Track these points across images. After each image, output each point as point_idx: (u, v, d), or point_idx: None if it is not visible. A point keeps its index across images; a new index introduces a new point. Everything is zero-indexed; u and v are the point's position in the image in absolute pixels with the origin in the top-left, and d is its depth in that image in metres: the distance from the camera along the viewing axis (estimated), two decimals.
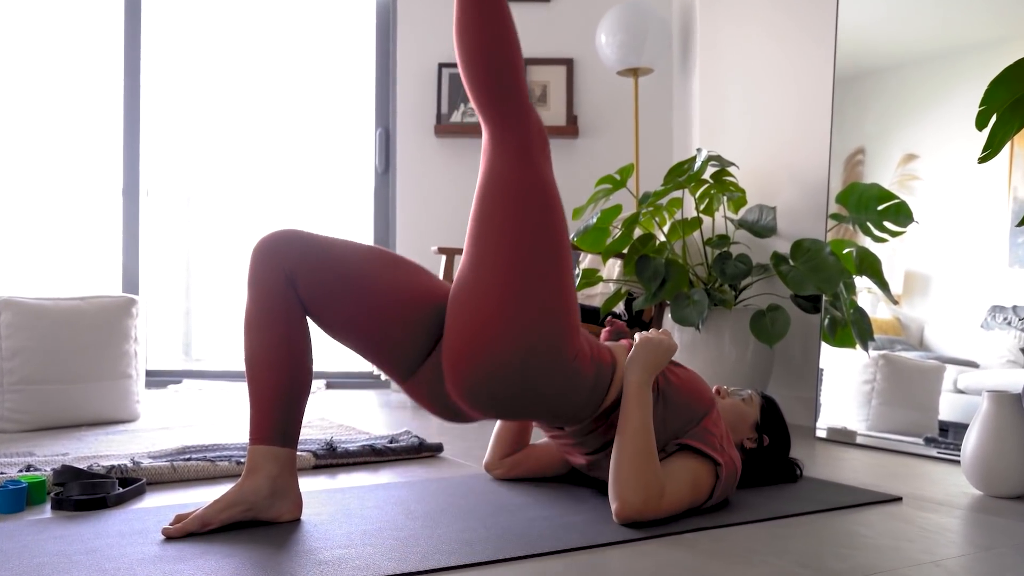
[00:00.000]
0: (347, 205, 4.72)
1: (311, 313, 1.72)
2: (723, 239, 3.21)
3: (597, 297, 3.57)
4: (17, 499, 1.85)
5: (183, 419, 3.25)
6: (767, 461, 2.09)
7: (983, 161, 1.79)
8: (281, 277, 1.68)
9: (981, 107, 1.76)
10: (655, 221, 3.36)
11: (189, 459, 2.27)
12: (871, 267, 2.84)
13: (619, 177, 3.29)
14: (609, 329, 2.03)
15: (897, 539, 1.67)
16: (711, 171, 3.28)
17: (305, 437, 2.67)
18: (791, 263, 2.95)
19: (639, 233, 3.37)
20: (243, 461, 2.28)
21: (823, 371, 3.01)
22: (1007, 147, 2.45)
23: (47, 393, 2.96)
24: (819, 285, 2.83)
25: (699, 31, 4.08)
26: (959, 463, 2.43)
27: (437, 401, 1.78)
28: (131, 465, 2.16)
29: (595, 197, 3.32)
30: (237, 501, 1.66)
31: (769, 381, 3.23)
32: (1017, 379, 2.41)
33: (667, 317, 3.27)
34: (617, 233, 3.21)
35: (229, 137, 4.73)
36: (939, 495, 2.08)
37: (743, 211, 3.46)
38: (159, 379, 4.53)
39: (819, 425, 2.97)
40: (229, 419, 3.27)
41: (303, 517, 1.77)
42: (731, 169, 3.51)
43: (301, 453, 2.34)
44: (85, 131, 4.63)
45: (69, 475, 2.01)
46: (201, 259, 4.75)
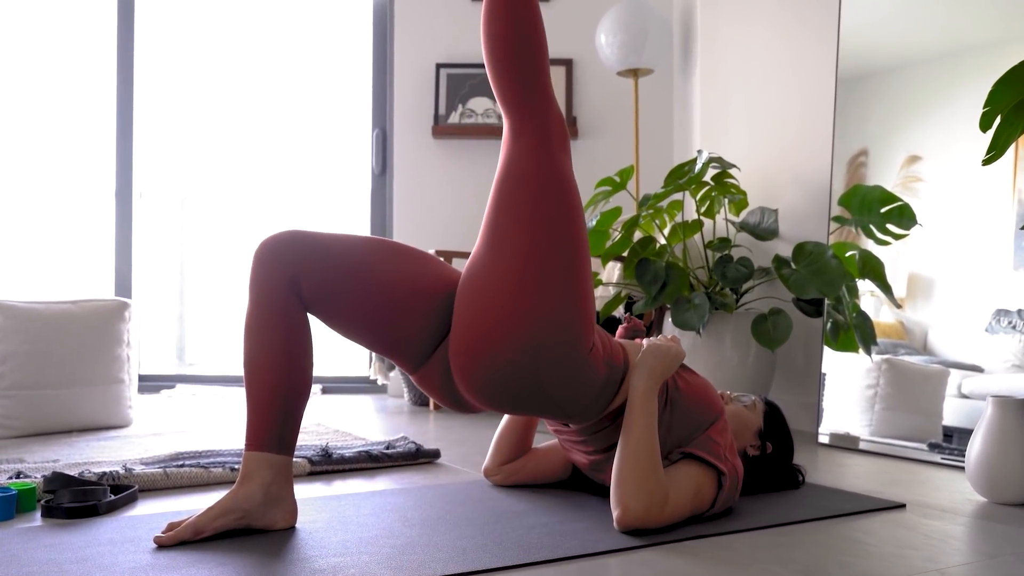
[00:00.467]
0: (344, 207, 4.70)
1: (318, 313, 1.71)
2: (724, 242, 3.19)
3: (597, 301, 3.55)
4: (6, 507, 1.83)
5: (176, 425, 3.23)
6: (770, 468, 2.07)
7: (987, 163, 1.77)
8: (284, 281, 1.67)
9: (985, 108, 1.75)
10: (655, 224, 3.34)
11: (182, 465, 2.25)
12: (874, 270, 2.82)
13: (619, 179, 3.27)
14: (626, 326, 2.01)
15: (901, 547, 1.65)
16: (712, 173, 3.26)
17: (300, 443, 2.66)
18: (793, 266, 2.93)
19: (639, 236, 3.35)
20: (237, 467, 2.27)
21: (825, 376, 2.99)
22: (1012, 149, 2.43)
23: (38, 398, 2.94)
24: (821, 288, 2.81)
25: (700, 31, 4.06)
26: (963, 469, 2.41)
27: (447, 392, 1.77)
28: (123, 472, 2.14)
29: (595, 199, 3.31)
30: (231, 508, 1.65)
31: (771, 386, 3.21)
32: (1022, 383, 2.39)
33: (667, 321, 3.25)
34: (617, 236, 3.19)
35: (224, 138, 4.71)
36: (943, 502, 2.06)
37: (744, 214, 3.45)
38: (152, 384, 4.51)
39: (821, 431, 2.95)
40: (223, 425, 3.25)
41: (298, 525, 1.76)
42: (732, 171, 3.50)
43: (296, 459, 2.33)
44: (77, 132, 4.61)
45: (60, 482, 1.99)
46: (195, 262, 4.73)
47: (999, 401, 2.04)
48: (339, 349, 4.52)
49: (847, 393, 2.89)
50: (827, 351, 2.99)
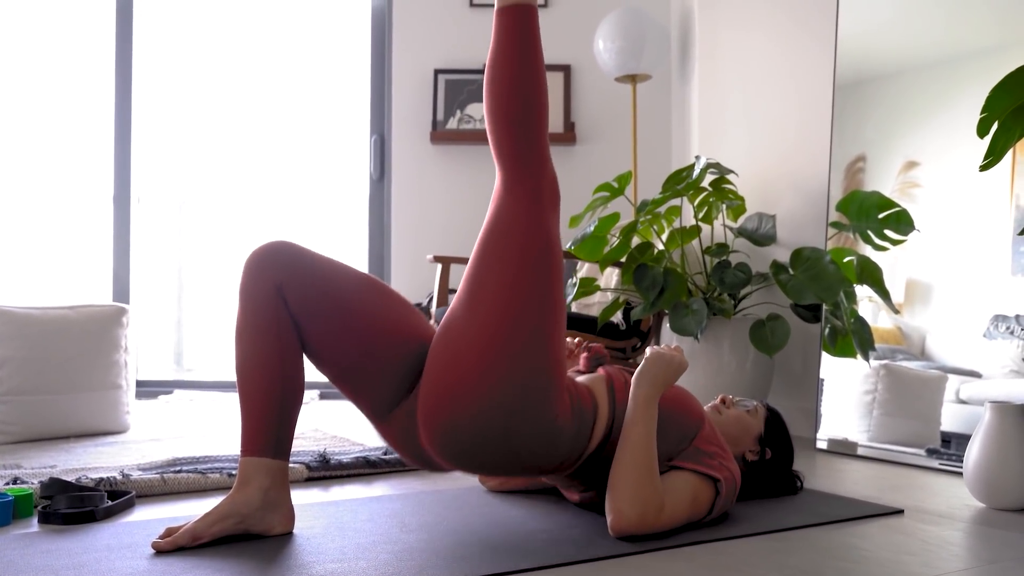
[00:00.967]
0: (342, 213, 4.70)
1: (299, 330, 1.71)
2: (722, 247, 3.19)
3: (595, 306, 3.55)
4: (3, 513, 1.83)
5: (174, 430, 3.22)
6: (768, 474, 2.07)
7: (984, 169, 1.77)
8: (271, 287, 1.68)
9: (982, 114, 1.75)
10: (653, 229, 3.34)
11: (180, 471, 2.25)
12: (872, 276, 2.82)
13: (617, 185, 3.27)
14: (587, 356, 1.96)
15: (898, 552, 1.65)
16: (710, 179, 3.26)
17: (298, 449, 2.65)
18: (791, 272, 2.93)
19: (637, 242, 3.35)
20: (235, 473, 2.27)
21: (823, 381, 2.98)
22: (1009, 154, 2.43)
23: (35, 404, 2.93)
24: (819, 294, 2.81)
25: (698, 37, 4.06)
26: (961, 475, 2.41)
27: (409, 449, 1.75)
28: (120, 477, 2.14)
29: (592, 205, 3.30)
30: (228, 514, 1.65)
31: (769, 391, 3.21)
32: (1020, 389, 2.39)
33: (665, 327, 3.25)
34: (615, 241, 3.19)
35: (222, 143, 4.71)
36: (941, 507, 2.06)
37: (742, 219, 3.44)
38: (149, 390, 4.50)
39: (820, 436, 2.94)
40: (221, 430, 3.25)
41: (295, 530, 1.76)
42: (730, 177, 3.50)
43: (293, 465, 2.32)
44: (76, 137, 4.61)
45: (57, 488, 1.99)
46: (193, 268, 4.72)
47: (997, 407, 2.04)
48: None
49: (845, 399, 2.89)
50: (825, 357, 2.98)
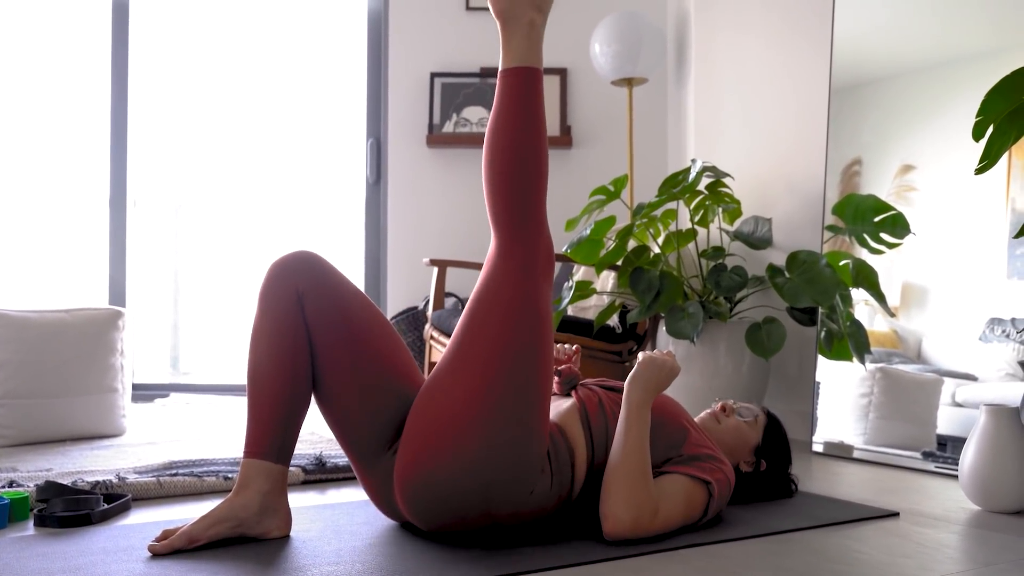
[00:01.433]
0: (338, 216, 4.70)
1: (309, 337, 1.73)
2: (718, 251, 3.19)
3: (591, 310, 3.55)
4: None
5: (170, 434, 3.21)
6: (762, 483, 2.07)
7: (980, 172, 1.77)
8: (292, 293, 1.71)
9: (978, 118, 1.75)
10: (649, 233, 3.34)
11: (176, 474, 2.25)
12: (868, 279, 2.83)
13: (613, 188, 3.27)
14: (559, 381, 1.93)
15: (893, 555, 1.65)
16: (706, 182, 3.26)
17: (294, 451, 2.64)
18: (787, 275, 2.93)
19: (633, 245, 3.35)
20: (231, 476, 2.27)
21: (819, 384, 2.99)
22: (1005, 158, 2.43)
23: (31, 407, 2.93)
24: (815, 297, 2.81)
25: (694, 41, 4.07)
26: (957, 478, 2.41)
27: (385, 503, 1.77)
28: (116, 480, 2.14)
29: (589, 208, 3.30)
30: (226, 517, 1.65)
31: (765, 395, 3.21)
32: (1015, 392, 2.40)
33: (661, 330, 3.25)
34: (611, 245, 3.19)
35: (218, 147, 4.70)
36: (937, 510, 2.06)
37: (738, 223, 3.45)
38: (146, 393, 4.49)
39: (815, 439, 2.95)
40: (217, 434, 3.24)
41: (292, 533, 1.76)
42: (726, 180, 3.50)
43: (290, 469, 2.31)
44: (72, 141, 4.60)
45: (53, 491, 1.99)
46: (189, 271, 4.72)
47: (992, 410, 2.04)
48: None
49: (841, 402, 2.89)
50: (821, 360, 2.99)
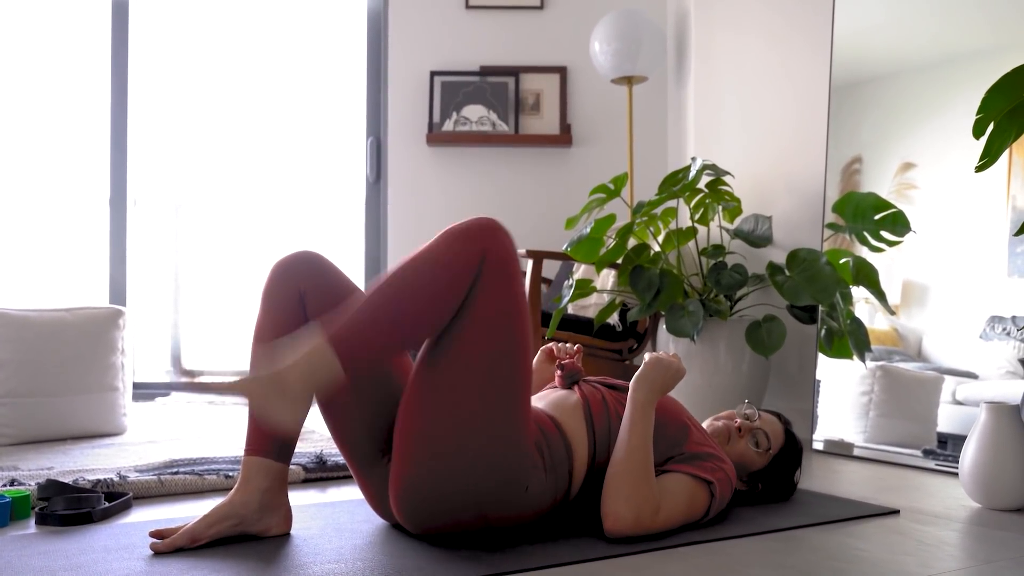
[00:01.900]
0: (338, 215, 4.69)
1: None
2: (718, 249, 3.19)
3: (591, 308, 3.55)
4: (1, 514, 1.83)
5: (171, 432, 3.21)
6: (757, 498, 2.07)
7: (980, 170, 1.77)
8: (295, 293, 1.72)
9: (978, 115, 1.75)
10: (649, 231, 3.34)
11: (177, 473, 2.25)
12: (868, 277, 2.83)
13: (613, 186, 3.27)
14: (560, 375, 1.92)
15: (894, 553, 1.65)
16: (706, 180, 3.26)
17: (295, 450, 2.64)
18: (787, 273, 2.93)
19: (633, 243, 3.35)
20: (232, 475, 2.27)
21: (820, 382, 2.99)
22: (1005, 155, 2.44)
23: (32, 406, 2.93)
24: (815, 295, 2.81)
25: (694, 39, 4.07)
26: (957, 475, 2.41)
27: (383, 509, 1.78)
28: (117, 479, 2.14)
29: (589, 207, 3.30)
30: (227, 515, 1.66)
31: (765, 393, 3.21)
32: (1016, 390, 2.40)
33: (662, 328, 3.25)
34: (611, 243, 3.19)
35: (218, 146, 4.70)
36: (937, 508, 2.06)
37: (738, 221, 3.45)
38: (146, 392, 4.49)
39: (816, 437, 2.95)
40: (217, 432, 3.24)
41: (293, 531, 1.76)
42: (726, 178, 3.50)
43: (291, 467, 2.32)
44: (72, 140, 4.60)
45: (54, 489, 1.99)
46: (190, 270, 4.71)
47: (993, 407, 2.05)
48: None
49: (841, 400, 2.89)
50: (821, 358, 2.99)
